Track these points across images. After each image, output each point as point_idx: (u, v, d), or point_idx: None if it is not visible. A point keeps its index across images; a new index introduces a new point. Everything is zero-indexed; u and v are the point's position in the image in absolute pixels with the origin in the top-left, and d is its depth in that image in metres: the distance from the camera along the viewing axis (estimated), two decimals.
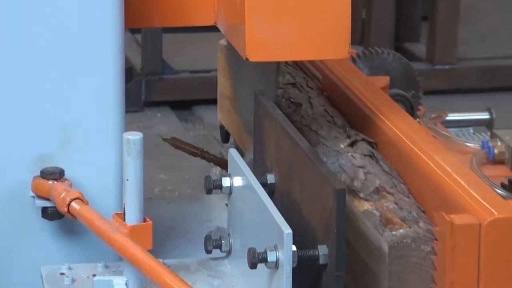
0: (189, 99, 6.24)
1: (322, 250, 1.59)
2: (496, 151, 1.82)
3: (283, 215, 1.62)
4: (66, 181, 1.85)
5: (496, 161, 1.83)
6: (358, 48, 6.18)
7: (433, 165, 1.69)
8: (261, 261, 1.60)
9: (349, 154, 1.83)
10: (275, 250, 1.59)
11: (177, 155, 5.46)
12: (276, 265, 1.59)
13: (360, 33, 6.34)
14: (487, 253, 1.42)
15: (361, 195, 1.65)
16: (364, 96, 1.99)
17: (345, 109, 2.01)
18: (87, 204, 1.79)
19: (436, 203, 1.60)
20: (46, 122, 1.89)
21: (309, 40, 1.82)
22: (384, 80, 2.14)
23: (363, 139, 1.88)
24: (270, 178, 1.85)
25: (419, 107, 2.34)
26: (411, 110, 2.15)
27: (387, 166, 1.79)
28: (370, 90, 2.00)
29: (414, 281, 1.49)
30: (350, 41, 1.83)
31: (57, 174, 1.84)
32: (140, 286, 1.69)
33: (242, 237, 1.81)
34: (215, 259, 1.88)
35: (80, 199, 1.79)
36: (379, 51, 2.36)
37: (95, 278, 1.63)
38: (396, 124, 1.89)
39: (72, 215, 1.79)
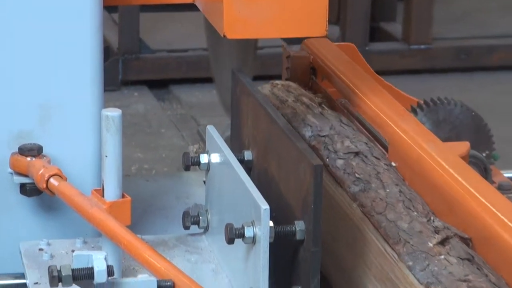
0: (166, 78, 6.26)
1: (299, 226, 1.61)
2: None
3: (260, 191, 1.64)
4: (44, 157, 1.86)
5: None
6: (335, 28, 6.24)
7: None
8: (238, 237, 1.62)
9: (442, 257, 1.51)
10: (252, 225, 1.61)
11: (154, 134, 5.48)
12: (254, 240, 1.62)
13: (337, 13, 6.37)
14: None
15: None
16: (447, 173, 1.66)
17: (423, 188, 1.70)
18: (66, 180, 1.81)
19: None
20: (25, 99, 1.90)
21: (286, 18, 1.85)
22: (465, 146, 1.91)
23: (456, 235, 1.58)
24: (248, 155, 1.87)
25: (491, 166, 2.11)
26: (485, 175, 1.94)
27: (494, 276, 1.48)
28: (453, 162, 1.69)
29: None
30: (327, 19, 1.85)
31: (35, 151, 1.86)
32: (119, 261, 1.70)
33: (220, 213, 1.83)
34: (193, 235, 1.90)
35: (59, 175, 1.80)
36: (445, 101, 2.16)
37: (75, 253, 1.64)
38: (496, 216, 1.56)
39: (50, 191, 1.80)
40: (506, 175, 2.12)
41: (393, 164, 1.76)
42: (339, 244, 1.66)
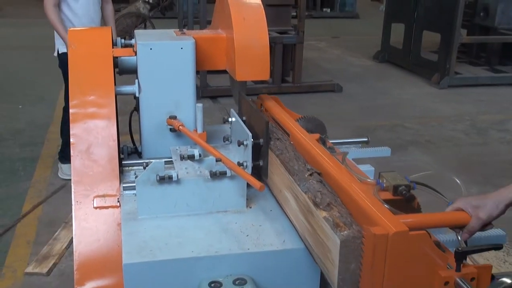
0: (216, 95, 6.16)
1: (262, 140, 1.65)
2: (384, 185, 1.43)
3: (249, 130, 1.64)
4: (177, 119, 1.83)
5: (384, 189, 1.42)
6: (270, 78, 6.31)
7: (356, 193, 1.29)
8: (241, 144, 1.65)
9: (310, 180, 1.39)
10: (247, 140, 1.62)
11: (211, 113, 5.46)
12: (246, 145, 1.63)
13: (271, 71, 6.44)
14: (390, 248, 1.12)
15: (321, 206, 1.28)
16: (312, 149, 1.56)
17: (302, 152, 1.58)
18: (184, 126, 1.80)
19: (354, 211, 1.26)
20: (171, 101, 1.85)
21: (257, 72, 1.84)
22: (317, 135, 1.78)
23: (315, 171, 1.44)
24: (244, 118, 1.84)
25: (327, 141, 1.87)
26: (324, 144, 1.77)
27: (330, 188, 1.37)
28: (316, 146, 1.58)
29: (351, 258, 1.16)
30: (269, 73, 1.87)
31: (175, 117, 1.82)
32: (203, 152, 1.67)
33: (235, 137, 1.80)
34: (226, 144, 1.86)
35: (183, 125, 1.80)
36: (310, 116, 1.98)
37: (188, 150, 1.63)
38: (333, 166, 1.44)
39: (181, 131, 1.79)
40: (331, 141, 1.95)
41: (292, 142, 1.64)
42: (274, 174, 1.58)
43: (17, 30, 10.30)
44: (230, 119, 1.82)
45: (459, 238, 1.33)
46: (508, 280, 1.10)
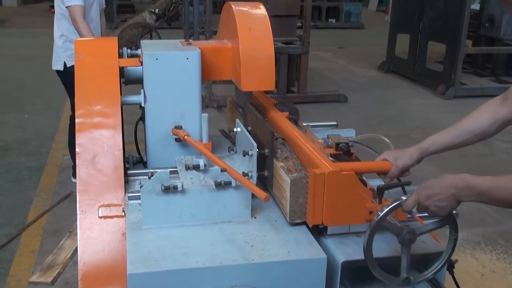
0: (220, 105, 6.16)
1: (267, 150, 1.65)
2: (329, 143, 1.69)
3: (254, 140, 1.64)
4: (182, 129, 1.82)
5: (329, 146, 1.69)
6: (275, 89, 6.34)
7: (307, 148, 1.60)
8: (247, 154, 1.65)
9: (277, 143, 1.68)
10: (252, 150, 1.62)
11: (216, 121, 5.42)
12: (251, 155, 1.63)
13: (276, 82, 6.45)
14: (327, 184, 1.41)
15: (279, 159, 1.58)
16: (281, 122, 1.81)
17: (273, 125, 1.80)
18: (189, 136, 1.80)
19: (305, 162, 1.56)
20: (177, 111, 1.85)
21: (262, 82, 1.83)
22: (287, 113, 1.93)
23: (280, 137, 1.72)
24: (249, 129, 1.84)
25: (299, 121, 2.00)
26: (296, 124, 1.92)
27: (289, 147, 1.68)
28: (284, 120, 1.82)
29: (299, 194, 1.47)
30: (274, 84, 1.87)
31: (180, 127, 1.82)
32: (208, 162, 1.67)
33: (240, 147, 1.80)
34: (231, 154, 1.86)
35: (188, 135, 1.79)
36: (285, 102, 2.07)
37: (193, 160, 1.64)
38: (293, 132, 1.72)
39: (186, 140, 1.78)
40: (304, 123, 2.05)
41: (266, 119, 1.81)
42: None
43: (24, 40, 10.39)
44: (235, 129, 1.81)
45: (383, 181, 1.58)
46: (404, 197, 1.35)
